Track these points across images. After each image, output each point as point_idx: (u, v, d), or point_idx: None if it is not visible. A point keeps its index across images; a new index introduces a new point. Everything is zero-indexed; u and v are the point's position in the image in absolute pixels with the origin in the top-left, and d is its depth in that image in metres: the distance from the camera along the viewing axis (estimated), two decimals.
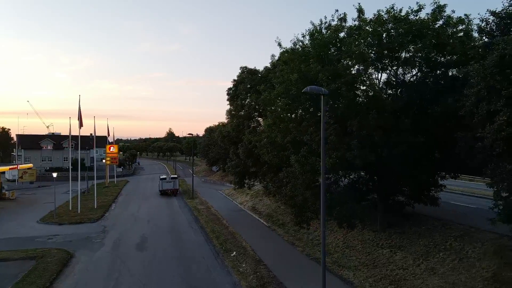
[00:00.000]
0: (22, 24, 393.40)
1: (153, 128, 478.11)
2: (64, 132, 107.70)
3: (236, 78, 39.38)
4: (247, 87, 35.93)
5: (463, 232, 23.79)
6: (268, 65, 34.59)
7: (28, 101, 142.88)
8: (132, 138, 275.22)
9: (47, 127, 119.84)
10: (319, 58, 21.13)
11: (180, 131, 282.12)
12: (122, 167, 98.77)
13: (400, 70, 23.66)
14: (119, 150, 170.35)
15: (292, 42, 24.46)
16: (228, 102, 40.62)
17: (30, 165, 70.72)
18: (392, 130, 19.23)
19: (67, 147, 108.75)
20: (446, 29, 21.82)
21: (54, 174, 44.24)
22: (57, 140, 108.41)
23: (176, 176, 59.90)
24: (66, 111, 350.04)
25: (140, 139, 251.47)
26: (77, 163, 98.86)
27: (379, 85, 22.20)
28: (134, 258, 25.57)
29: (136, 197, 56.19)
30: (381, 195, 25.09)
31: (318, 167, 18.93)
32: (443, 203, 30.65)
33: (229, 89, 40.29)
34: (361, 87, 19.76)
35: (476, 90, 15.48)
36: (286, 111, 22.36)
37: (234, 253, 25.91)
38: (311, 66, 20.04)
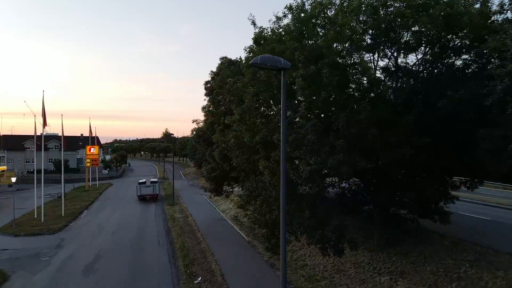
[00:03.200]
0: (22, 24, 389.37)
1: (152, 128, 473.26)
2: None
3: (214, 70, 34.61)
4: (225, 80, 31.14)
5: (479, 255, 19.18)
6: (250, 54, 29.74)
7: (24, 101, 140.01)
8: (132, 139, 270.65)
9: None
10: (299, 36, 16.46)
11: (177, 132, 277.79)
12: (108, 169, 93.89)
13: (402, 56, 19.12)
14: (113, 151, 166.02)
15: (271, 22, 19.82)
16: (205, 98, 35.84)
17: (4, 167, 65.91)
18: (391, 128, 14.51)
19: (52, 148, 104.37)
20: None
21: (13, 179, 39.49)
22: (41, 140, 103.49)
23: (156, 180, 54.83)
24: (66, 112, 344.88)
25: (137, 140, 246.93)
26: (61, 165, 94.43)
27: (375, 73, 17.48)
28: (76, 285, 20.93)
29: (113, 203, 51.43)
30: (378, 207, 20.35)
31: (294, 177, 14.24)
32: (453, 213, 26.09)
33: (207, 82, 35.39)
34: (351, 71, 14.94)
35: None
36: (255, 103, 17.60)
37: (199, 279, 21.19)
38: (287, 44, 15.33)
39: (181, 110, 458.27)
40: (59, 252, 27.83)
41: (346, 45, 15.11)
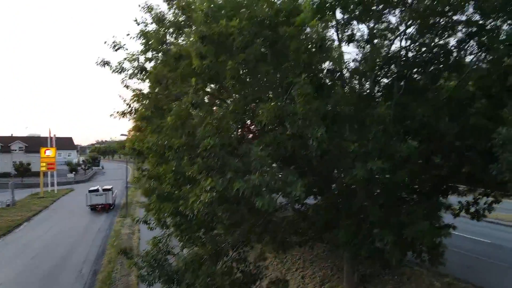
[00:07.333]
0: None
1: None
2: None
3: None
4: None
5: None
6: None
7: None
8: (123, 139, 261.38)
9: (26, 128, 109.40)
10: None
11: None
12: (74, 172, 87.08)
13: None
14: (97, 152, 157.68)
15: None
16: None
17: None
18: (358, 126, 8.85)
19: (16, 150, 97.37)
20: None
21: None
22: (5, 142, 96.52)
23: (110, 187, 48.49)
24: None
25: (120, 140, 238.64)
26: (23, 168, 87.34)
27: (340, 43, 11.95)
28: None
29: (61, 214, 45.25)
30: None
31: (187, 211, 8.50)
32: None
33: None
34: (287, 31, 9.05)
35: None
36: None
37: None
38: None
39: None
40: None
41: None
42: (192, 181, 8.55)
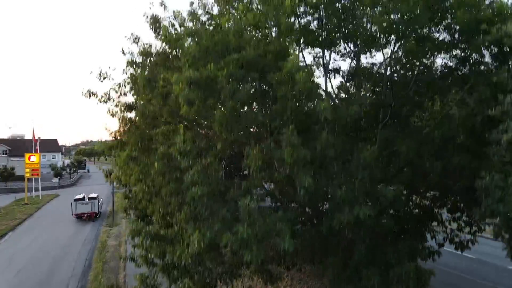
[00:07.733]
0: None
1: None
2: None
3: None
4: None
5: None
6: None
7: None
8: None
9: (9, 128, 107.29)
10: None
11: None
12: (59, 177, 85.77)
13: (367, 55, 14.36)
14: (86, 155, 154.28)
15: None
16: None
17: None
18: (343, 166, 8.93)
19: None
20: None
21: None
22: None
23: (96, 195, 47.76)
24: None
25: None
26: (7, 172, 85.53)
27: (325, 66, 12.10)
28: None
29: (46, 222, 44.61)
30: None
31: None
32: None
33: None
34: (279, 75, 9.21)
35: None
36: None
37: None
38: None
39: None
40: None
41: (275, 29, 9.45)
42: (180, 227, 8.54)
